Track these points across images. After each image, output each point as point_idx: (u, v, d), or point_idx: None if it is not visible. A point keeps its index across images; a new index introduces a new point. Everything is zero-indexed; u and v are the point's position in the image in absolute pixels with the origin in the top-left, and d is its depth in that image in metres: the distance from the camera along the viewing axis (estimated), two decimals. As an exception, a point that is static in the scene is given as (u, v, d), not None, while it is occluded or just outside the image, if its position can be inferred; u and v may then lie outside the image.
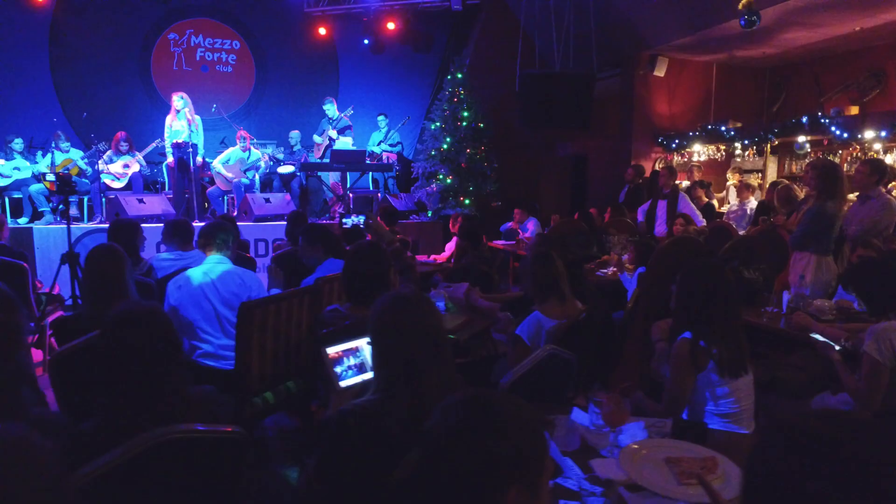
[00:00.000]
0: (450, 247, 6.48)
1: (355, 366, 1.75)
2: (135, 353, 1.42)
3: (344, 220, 4.71)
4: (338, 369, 1.72)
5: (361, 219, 4.40)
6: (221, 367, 2.89)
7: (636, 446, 1.69)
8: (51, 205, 7.58)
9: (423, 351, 1.47)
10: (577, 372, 2.43)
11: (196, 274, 2.96)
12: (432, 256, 6.52)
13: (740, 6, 4.46)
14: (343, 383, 1.71)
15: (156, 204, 7.13)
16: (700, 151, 8.16)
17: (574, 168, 10.07)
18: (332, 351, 1.73)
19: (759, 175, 7.95)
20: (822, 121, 6.16)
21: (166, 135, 7.56)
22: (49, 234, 6.61)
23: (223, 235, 3.11)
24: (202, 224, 6.99)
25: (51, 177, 7.18)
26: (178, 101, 7.49)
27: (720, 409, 2.05)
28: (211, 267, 2.99)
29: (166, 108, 9.42)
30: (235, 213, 7.60)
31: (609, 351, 3.49)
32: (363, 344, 1.80)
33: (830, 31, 6.83)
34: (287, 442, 2.87)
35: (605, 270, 4.96)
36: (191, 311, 2.87)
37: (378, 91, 10.08)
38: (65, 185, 3.33)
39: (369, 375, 1.77)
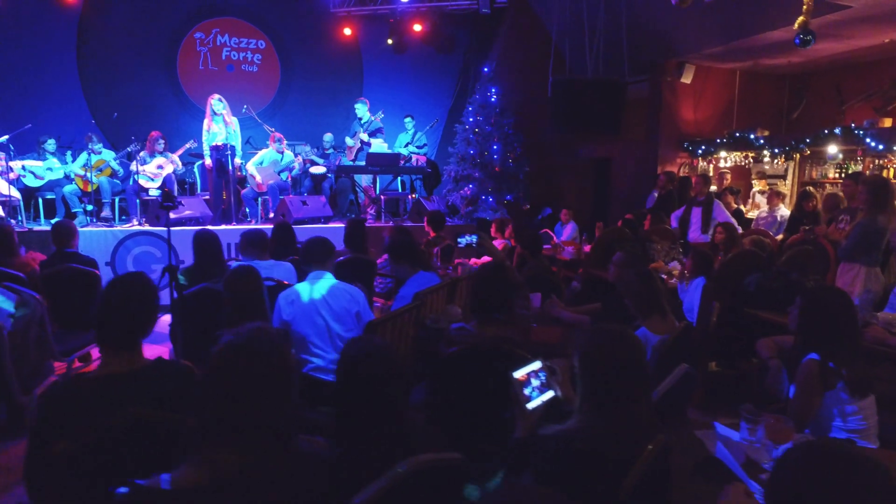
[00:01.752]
0: (491, 251, 6.58)
1: (537, 387, 1.88)
2: (377, 384, 1.53)
3: (458, 240, 4.81)
4: (525, 391, 1.84)
5: (474, 238, 4.51)
6: (333, 381, 2.99)
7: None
8: (82, 206, 7.61)
9: (634, 381, 1.60)
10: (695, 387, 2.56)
11: (306, 289, 3.05)
12: (472, 260, 6.62)
13: (795, 26, 4.62)
14: (530, 405, 1.83)
15: (194, 206, 7.18)
16: (726, 157, 8.35)
17: (596, 170, 10.22)
18: (518, 374, 1.85)
19: (784, 181, 8.15)
20: (857, 132, 6.36)
21: (204, 138, 7.58)
22: (91, 238, 6.63)
23: (326, 251, 3.21)
24: (242, 227, 7.02)
25: (101, 177, 7.26)
26: (217, 103, 7.51)
27: (848, 425, 2.20)
28: (319, 282, 3.09)
29: (191, 107, 9.46)
30: (272, 216, 7.66)
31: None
32: (540, 366, 1.92)
33: (859, 42, 7.02)
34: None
35: (657, 278, 5.09)
36: (303, 326, 2.97)
37: (401, 91, 10.16)
38: (167, 199, 3.40)
39: (548, 396, 1.90)
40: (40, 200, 7.72)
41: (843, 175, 7.59)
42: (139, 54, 9.07)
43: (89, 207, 7.68)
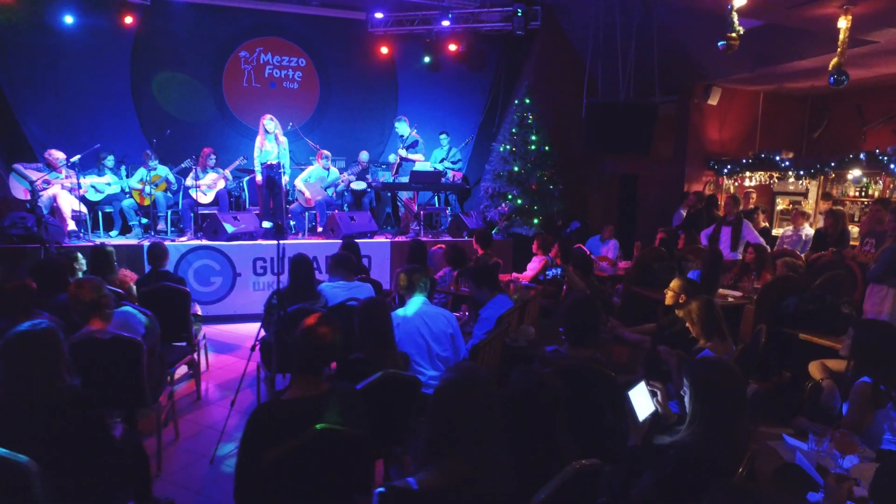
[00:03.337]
0: (532, 266, 6.97)
1: (644, 404, 2.30)
2: (548, 410, 1.95)
3: (547, 272, 5.23)
4: (636, 407, 2.25)
5: (559, 270, 4.93)
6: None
7: (863, 469, 2.24)
8: (138, 219, 8.06)
9: (737, 402, 2.01)
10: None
11: (409, 314, 3.46)
12: (514, 274, 7.01)
13: (830, 67, 5.01)
14: (641, 418, 2.25)
15: (248, 221, 7.60)
16: (750, 176, 8.74)
17: (623, 186, 10.59)
18: (631, 393, 2.27)
19: (806, 199, 8.53)
20: (881, 157, 6.75)
21: (255, 154, 8.01)
22: (156, 251, 7.05)
23: (423, 279, 3.62)
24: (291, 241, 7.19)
25: (157, 192, 7.73)
26: (269, 123, 7.93)
27: (898, 439, 2.60)
28: (419, 307, 3.49)
29: (236, 123, 9.91)
30: (320, 230, 8.09)
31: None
32: (645, 386, 2.34)
33: (883, 70, 7.40)
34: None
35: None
36: (407, 347, 3.37)
37: (434, 107, 10.55)
38: (279, 231, 3.81)
39: (652, 411, 2.32)
40: (99, 214, 8.17)
41: (862, 194, 7.98)
42: (188, 73, 9.51)
43: (144, 221, 8.14)
